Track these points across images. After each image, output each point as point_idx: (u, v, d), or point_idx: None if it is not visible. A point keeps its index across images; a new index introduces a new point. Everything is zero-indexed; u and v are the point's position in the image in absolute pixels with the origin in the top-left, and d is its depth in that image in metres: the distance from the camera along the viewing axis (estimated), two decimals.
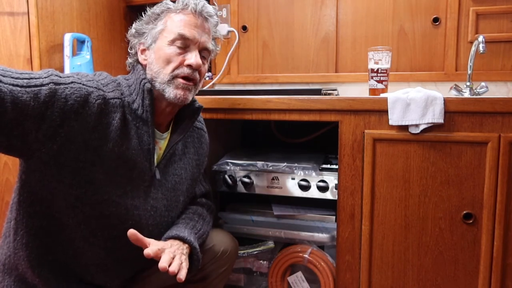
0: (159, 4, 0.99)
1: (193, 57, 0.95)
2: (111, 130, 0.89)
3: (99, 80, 0.92)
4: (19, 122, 0.79)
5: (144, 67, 0.99)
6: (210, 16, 1.00)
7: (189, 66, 0.95)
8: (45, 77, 0.83)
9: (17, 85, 0.78)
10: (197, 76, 0.97)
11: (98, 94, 0.88)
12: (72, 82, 0.85)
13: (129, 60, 1.03)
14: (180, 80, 0.95)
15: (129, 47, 1.03)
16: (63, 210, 0.89)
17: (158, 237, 1.03)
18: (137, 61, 1.01)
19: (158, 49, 0.96)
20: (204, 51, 0.99)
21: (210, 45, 1.01)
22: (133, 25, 1.02)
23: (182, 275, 0.88)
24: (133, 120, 0.94)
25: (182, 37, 0.94)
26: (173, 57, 0.94)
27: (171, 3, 0.99)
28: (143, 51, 1.00)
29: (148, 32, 0.98)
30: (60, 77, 0.85)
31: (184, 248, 0.97)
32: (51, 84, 0.82)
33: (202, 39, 0.97)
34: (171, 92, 0.94)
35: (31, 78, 0.81)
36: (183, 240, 0.98)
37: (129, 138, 0.92)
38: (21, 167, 0.90)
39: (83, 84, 0.86)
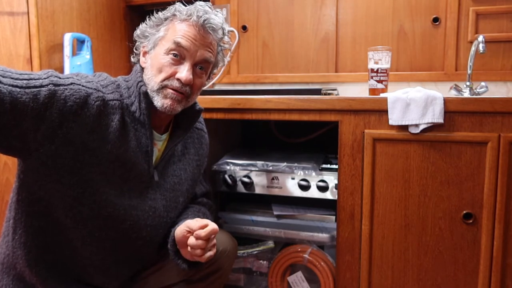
0: (168, 8, 0.97)
1: (184, 72, 0.92)
2: (110, 132, 0.89)
3: (99, 81, 0.92)
4: (18, 123, 0.79)
5: (143, 69, 0.99)
6: (214, 30, 0.96)
7: (179, 79, 0.92)
8: (45, 78, 0.83)
9: (16, 86, 0.78)
10: (187, 90, 0.94)
11: (97, 95, 0.88)
12: (71, 84, 0.85)
13: (133, 59, 1.03)
14: (169, 90, 0.93)
15: (135, 46, 1.02)
16: (61, 210, 0.89)
17: (156, 238, 1.03)
18: (139, 62, 1.01)
19: (155, 56, 0.95)
20: (203, 63, 0.96)
21: (211, 58, 0.97)
22: (140, 25, 1.01)
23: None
24: (131, 122, 0.94)
25: (177, 46, 0.91)
26: (166, 67, 0.92)
27: (180, 8, 0.96)
28: (144, 53, 0.99)
29: (151, 37, 0.97)
30: (60, 78, 0.85)
31: None
32: (50, 85, 0.82)
33: (199, 52, 0.94)
34: (159, 101, 0.93)
35: (31, 79, 0.81)
36: None
37: (127, 140, 0.92)
38: (20, 166, 0.90)
39: (83, 86, 0.86)
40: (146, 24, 0.99)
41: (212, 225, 0.90)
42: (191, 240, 0.90)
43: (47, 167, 0.85)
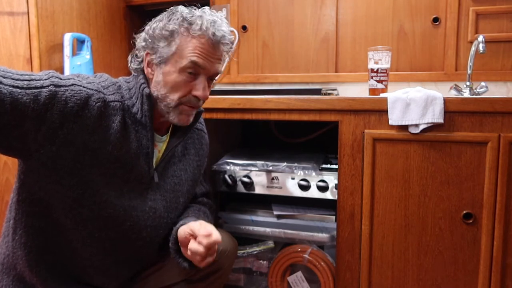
0: (175, 18, 0.91)
1: (200, 89, 0.93)
2: (111, 133, 0.89)
3: (100, 83, 0.92)
4: (19, 123, 0.79)
5: (149, 79, 0.96)
6: (227, 44, 0.95)
7: (195, 96, 0.93)
8: (46, 79, 0.83)
9: (17, 87, 0.78)
10: (201, 103, 0.97)
11: (98, 97, 0.87)
12: (72, 85, 0.85)
13: (133, 65, 0.98)
14: (185, 107, 0.94)
15: (135, 50, 0.97)
16: (61, 211, 0.89)
17: (157, 239, 1.03)
18: (142, 70, 0.97)
19: (168, 73, 0.92)
20: (214, 75, 0.97)
21: (221, 69, 0.97)
22: (144, 33, 0.95)
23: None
24: (132, 124, 0.93)
25: (194, 65, 0.90)
26: (182, 86, 0.92)
27: (189, 18, 0.91)
28: (149, 63, 0.95)
29: (159, 50, 0.92)
30: (61, 79, 0.85)
31: None
32: (51, 86, 0.82)
33: (213, 67, 0.94)
34: (175, 117, 0.94)
35: (32, 80, 0.81)
36: None
37: (128, 142, 0.92)
38: (20, 167, 0.90)
39: (84, 87, 0.86)
40: (151, 33, 0.93)
41: (216, 235, 0.89)
42: (193, 245, 0.90)
43: (47, 168, 0.85)
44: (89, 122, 0.86)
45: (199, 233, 0.89)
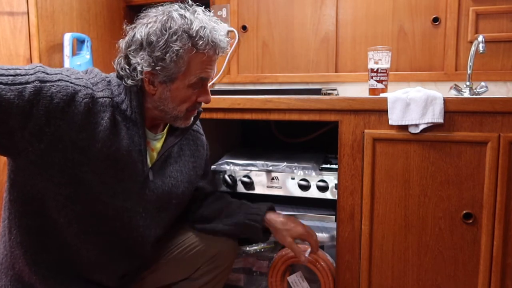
0: (177, 35, 0.86)
1: (205, 95, 0.96)
2: (100, 130, 0.87)
3: (89, 79, 0.89)
4: (4, 120, 0.78)
5: (148, 94, 0.93)
6: (225, 47, 0.97)
7: (200, 102, 0.97)
8: (31, 74, 0.81)
9: (1, 83, 0.77)
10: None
11: (86, 92, 0.85)
12: (59, 80, 0.82)
13: (129, 82, 0.90)
14: (191, 112, 0.98)
15: (129, 65, 0.90)
16: (54, 209, 0.89)
17: (149, 238, 1.02)
18: (141, 87, 0.93)
19: (176, 89, 0.92)
20: None
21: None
22: (139, 50, 0.88)
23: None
24: (123, 121, 0.91)
25: (201, 80, 0.93)
26: (189, 98, 0.94)
27: (191, 33, 0.87)
28: (150, 81, 0.91)
29: (164, 70, 0.89)
30: (47, 74, 0.82)
31: None
32: (36, 81, 0.80)
33: (213, 72, 0.97)
34: (181, 123, 0.98)
35: (17, 75, 0.79)
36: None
37: (119, 139, 0.90)
38: (9, 166, 0.88)
39: (71, 82, 0.84)
40: (150, 51, 0.87)
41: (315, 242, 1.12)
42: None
43: (36, 166, 0.84)
44: (77, 118, 0.83)
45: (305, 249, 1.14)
